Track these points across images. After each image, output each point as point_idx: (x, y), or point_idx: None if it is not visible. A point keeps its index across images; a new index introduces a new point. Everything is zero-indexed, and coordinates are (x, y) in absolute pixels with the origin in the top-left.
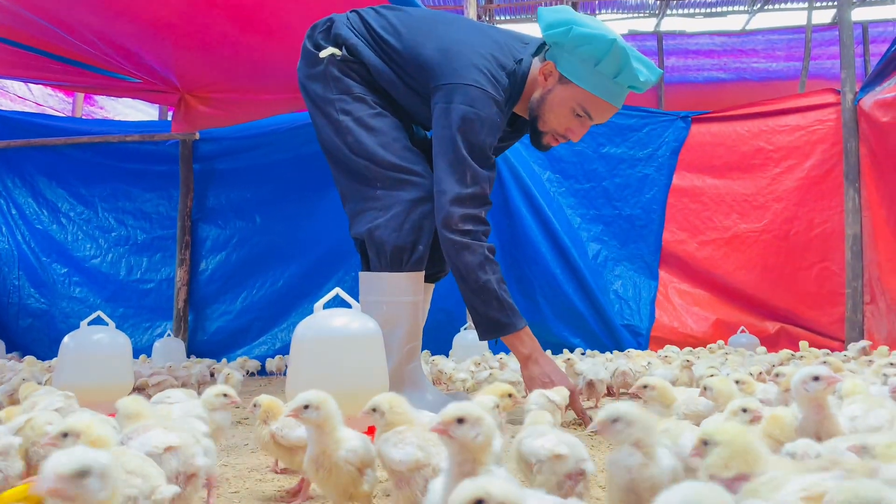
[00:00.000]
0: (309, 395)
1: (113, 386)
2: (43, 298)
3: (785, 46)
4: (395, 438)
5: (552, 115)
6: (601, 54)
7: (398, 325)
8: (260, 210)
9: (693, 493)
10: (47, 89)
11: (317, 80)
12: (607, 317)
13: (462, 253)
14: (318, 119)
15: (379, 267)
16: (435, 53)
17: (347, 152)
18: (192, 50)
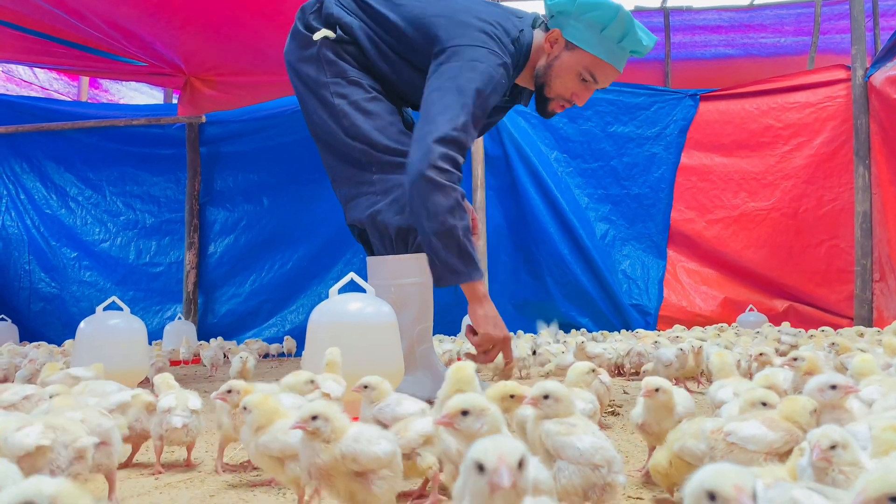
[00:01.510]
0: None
1: (129, 370)
2: (54, 283)
3: (793, 21)
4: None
5: (559, 81)
6: (607, 20)
7: (407, 307)
8: (268, 193)
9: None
10: (52, 73)
11: (309, 63)
12: (615, 296)
13: (435, 193)
14: (310, 102)
15: (384, 251)
16: (439, 19)
17: (343, 136)
18: (198, 32)
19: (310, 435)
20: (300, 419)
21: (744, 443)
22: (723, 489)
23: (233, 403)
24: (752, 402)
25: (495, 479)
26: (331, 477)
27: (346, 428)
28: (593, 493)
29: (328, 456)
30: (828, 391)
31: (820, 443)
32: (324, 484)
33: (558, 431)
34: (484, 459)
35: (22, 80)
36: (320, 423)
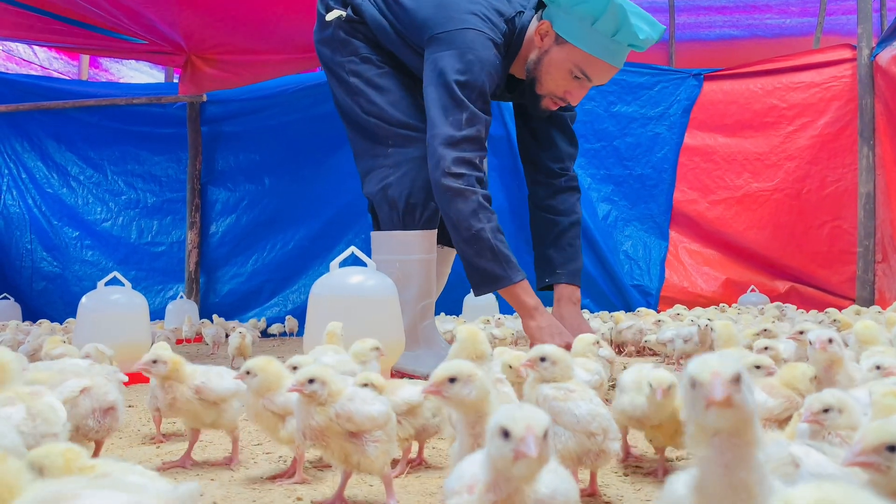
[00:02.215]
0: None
1: (131, 345)
2: (55, 262)
3: (799, 1)
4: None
5: (549, 78)
6: (598, 12)
7: (411, 283)
8: (269, 172)
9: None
10: (52, 52)
11: (326, 44)
12: (617, 277)
13: (455, 200)
14: (332, 81)
15: (391, 225)
16: (430, 9)
17: (359, 112)
18: (198, 10)
19: (306, 398)
20: (296, 381)
21: None
22: (700, 375)
23: (159, 375)
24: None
25: (522, 447)
26: (326, 437)
27: (342, 391)
28: (587, 459)
29: (323, 417)
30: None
31: (812, 406)
32: (318, 445)
33: (555, 397)
34: (511, 427)
35: (22, 59)
36: (317, 387)
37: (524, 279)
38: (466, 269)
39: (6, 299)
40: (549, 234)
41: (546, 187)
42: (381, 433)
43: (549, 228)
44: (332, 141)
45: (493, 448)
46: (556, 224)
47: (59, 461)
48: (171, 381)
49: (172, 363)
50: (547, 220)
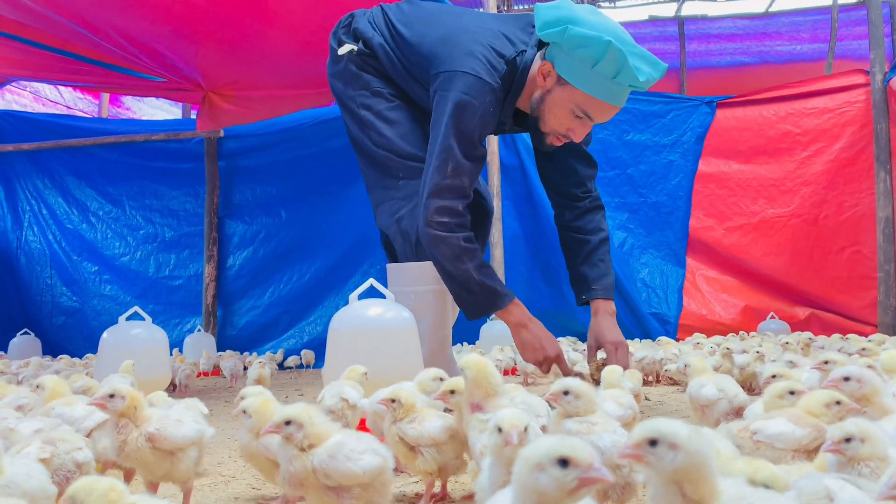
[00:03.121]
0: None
1: (151, 379)
2: (75, 296)
3: (810, 28)
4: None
5: (552, 116)
6: (598, 55)
7: (426, 314)
8: (285, 205)
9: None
10: (77, 93)
11: (339, 78)
12: (635, 305)
13: (439, 246)
14: (344, 114)
15: (405, 257)
16: (435, 43)
17: (371, 145)
18: (216, 48)
19: (284, 440)
20: (273, 423)
21: (771, 440)
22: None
23: (115, 411)
24: (780, 394)
25: (593, 474)
26: (304, 486)
27: (324, 435)
28: (613, 493)
29: (300, 465)
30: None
31: (833, 435)
32: (297, 491)
33: (578, 430)
34: (574, 454)
35: (48, 101)
36: (293, 429)
37: (512, 300)
38: (458, 302)
39: (27, 334)
40: (581, 253)
41: (572, 210)
42: (360, 490)
43: (580, 247)
44: (346, 174)
45: (545, 479)
46: (587, 243)
47: (101, 501)
48: (126, 419)
49: (131, 398)
50: (577, 239)
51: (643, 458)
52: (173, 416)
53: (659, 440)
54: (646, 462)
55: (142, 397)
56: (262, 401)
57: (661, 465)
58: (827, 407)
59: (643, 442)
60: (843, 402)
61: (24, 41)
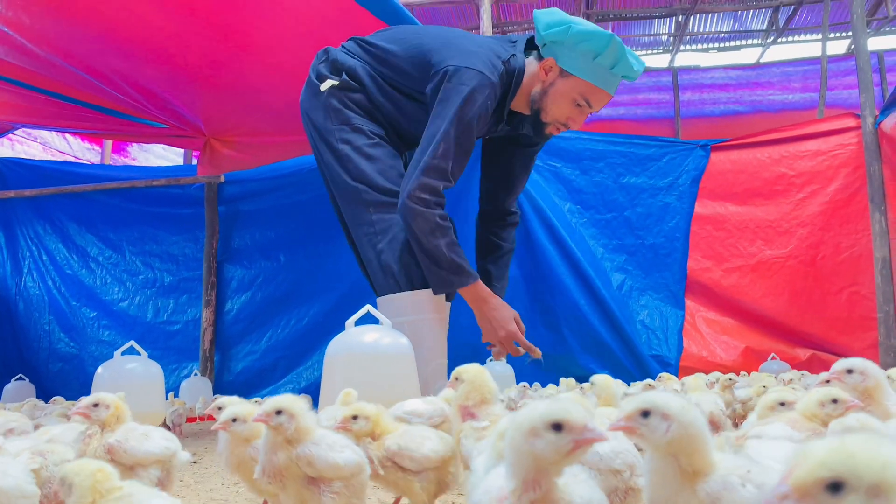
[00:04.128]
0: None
1: (146, 414)
2: (73, 342)
3: (800, 77)
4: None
5: (555, 106)
6: (600, 48)
7: (420, 343)
8: (284, 249)
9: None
10: (85, 143)
11: (318, 111)
12: (635, 347)
13: (416, 219)
14: (320, 146)
15: (388, 290)
16: (436, 44)
17: (346, 178)
18: (218, 94)
19: (272, 430)
20: (263, 412)
21: None
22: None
23: (98, 421)
24: (771, 406)
25: (588, 434)
26: (284, 478)
27: (311, 430)
28: (616, 498)
29: (285, 456)
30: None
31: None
32: (276, 484)
33: None
34: (566, 418)
35: (57, 151)
36: (283, 419)
37: (476, 281)
38: (427, 275)
39: (21, 380)
40: (493, 254)
41: (501, 221)
42: (342, 485)
43: (493, 250)
44: None
45: (541, 444)
46: (500, 248)
47: (88, 480)
48: (109, 429)
49: (115, 407)
50: (493, 242)
51: (636, 429)
52: (141, 430)
53: (651, 411)
54: (639, 434)
55: (126, 410)
56: (250, 406)
57: (655, 436)
58: (822, 405)
59: (635, 413)
60: (840, 399)
61: (27, 87)
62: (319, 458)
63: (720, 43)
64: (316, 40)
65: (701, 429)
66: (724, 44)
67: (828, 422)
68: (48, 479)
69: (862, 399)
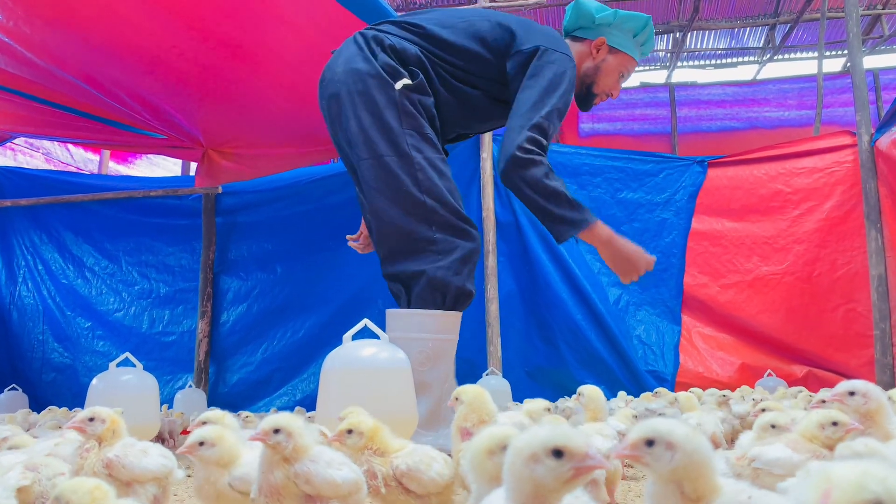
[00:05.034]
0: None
1: (141, 426)
2: (66, 353)
3: (796, 95)
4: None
5: (606, 79)
6: (639, 28)
7: (441, 362)
8: (281, 261)
9: None
10: (88, 154)
11: (389, 107)
12: (631, 362)
13: (529, 167)
14: (379, 141)
15: (432, 305)
16: (511, 23)
17: (412, 187)
18: (216, 106)
19: (270, 449)
20: (261, 430)
21: (769, 466)
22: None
23: (94, 436)
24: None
25: (589, 462)
26: (281, 497)
27: (309, 448)
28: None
29: (282, 474)
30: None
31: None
32: (273, 502)
33: None
34: (567, 444)
35: (60, 162)
36: (282, 438)
37: (598, 220)
38: (550, 223)
39: (14, 390)
40: None
41: None
42: (339, 502)
43: None
44: (343, 230)
45: (541, 470)
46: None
47: (85, 499)
48: (106, 444)
49: (112, 422)
50: None
51: (641, 458)
52: (139, 446)
53: (656, 440)
54: (643, 462)
55: (123, 424)
56: (220, 428)
57: (659, 465)
58: (821, 427)
59: (640, 442)
60: (841, 422)
61: (25, 96)
62: (317, 475)
63: (717, 60)
64: (317, 53)
65: (706, 455)
66: (721, 60)
67: (828, 444)
68: (41, 493)
69: (863, 421)
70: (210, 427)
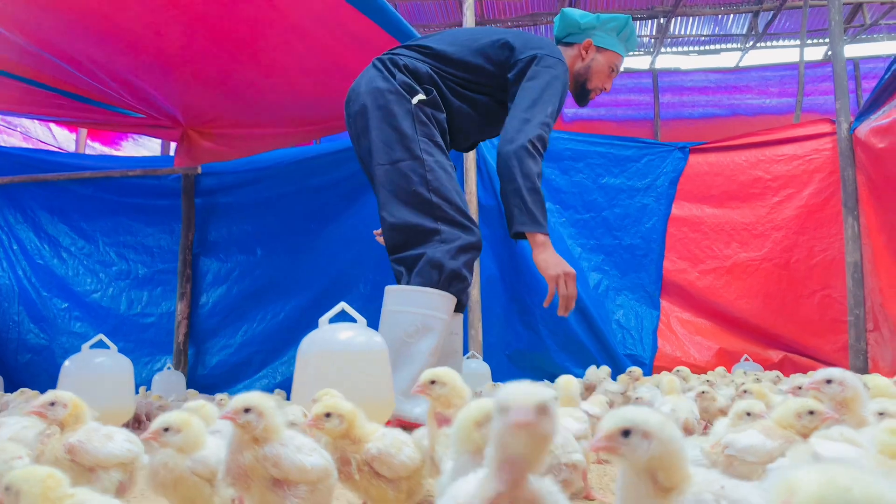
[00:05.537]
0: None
1: (114, 409)
2: (42, 334)
3: (778, 82)
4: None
5: (597, 76)
6: (622, 26)
7: (428, 336)
8: (261, 243)
9: None
10: (73, 135)
11: (405, 117)
12: (610, 346)
13: (530, 160)
14: (396, 146)
15: (429, 283)
16: (509, 36)
17: (422, 187)
18: (196, 85)
19: (240, 429)
20: (231, 409)
21: (742, 454)
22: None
23: (55, 421)
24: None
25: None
26: (248, 480)
27: (279, 430)
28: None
29: (251, 456)
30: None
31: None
32: (240, 486)
33: None
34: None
35: (38, 140)
36: (252, 417)
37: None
38: (518, 212)
39: None
40: None
41: None
42: (307, 489)
43: None
44: (325, 213)
45: (494, 428)
46: None
47: (37, 487)
48: (69, 429)
49: (74, 406)
50: None
51: (616, 449)
52: (103, 431)
53: (632, 430)
54: (619, 453)
55: (86, 409)
56: (185, 413)
57: (636, 455)
58: (798, 416)
59: (616, 433)
60: (817, 410)
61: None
62: (286, 459)
63: (700, 46)
64: (299, 34)
65: (680, 443)
66: (704, 47)
67: (803, 432)
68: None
69: (839, 409)
70: (176, 412)
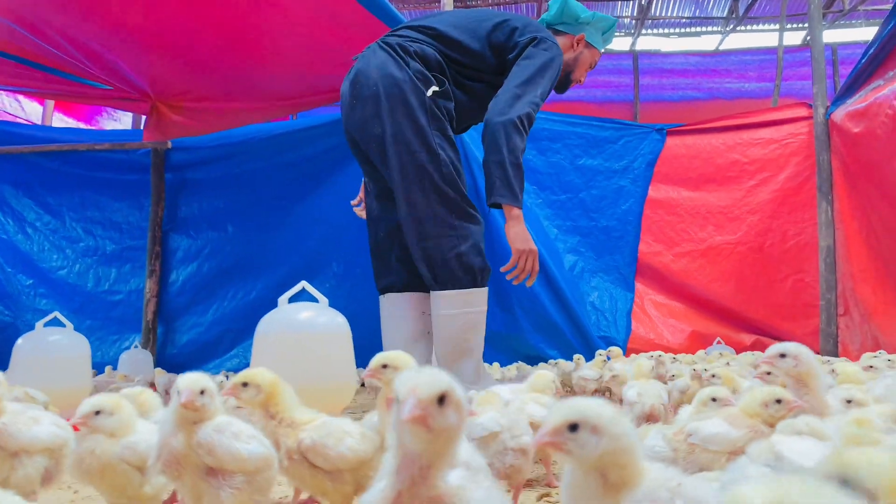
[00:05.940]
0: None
1: (70, 390)
2: (7, 311)
3: (757, 67)
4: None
5: (580, 69)
6: (608, 27)
7: (480, 330)
8: (232, 220)
9: None
10: (41, 107)
11: (420, 109)
12: (584, 328)
13: (515, 137)
14: (413, 138)
15: (461, 285)
16: (511, 20)
17: (438, 179)
18: (165, 56)
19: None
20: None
21: (705, 443)
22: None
23: None
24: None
25: (403, 409)
26: (181, 466)
27: (214, 414)
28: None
29: (184, 440)
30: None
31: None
32: (171, 474)
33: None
34: (400, 390)
35: (6, 113)
36: (207, 400)
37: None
38: (500, 183)
39: None
40: None
41: None
42: (244, 480)
43: None
44: (297, 189)
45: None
46: None
47: None
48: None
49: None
50: None
51: (562, 445)
52: (29, 414)
53: (580, 424)
54: (566, 450)
55: (6, 390)
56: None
57: (584, 452)
58: (765, 405)
59: (562, 427)
60: (784, 399)
61: None
62: (221, 446)
63: (681, 28)
64: (271, 3)
65: (632, 439)
66: (685, 29)
67: (769, 421)
68: None
69: (796, 385)
70: (105, 395)
